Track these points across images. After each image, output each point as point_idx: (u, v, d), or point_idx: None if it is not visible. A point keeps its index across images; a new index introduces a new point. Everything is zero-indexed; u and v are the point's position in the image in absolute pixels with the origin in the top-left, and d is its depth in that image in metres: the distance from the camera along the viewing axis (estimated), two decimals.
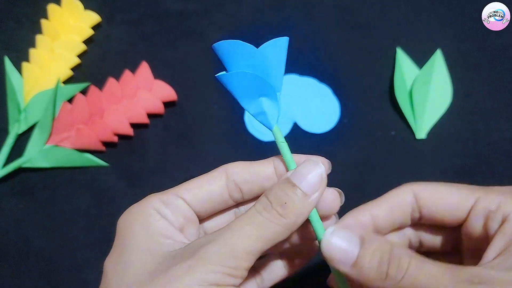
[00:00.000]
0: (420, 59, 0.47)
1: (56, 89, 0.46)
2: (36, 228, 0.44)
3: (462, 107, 0.46)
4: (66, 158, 0.45)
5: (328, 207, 0.26)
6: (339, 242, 0.24)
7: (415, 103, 0.45)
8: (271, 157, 0.27)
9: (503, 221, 0.25)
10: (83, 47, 0.49)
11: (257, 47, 0.25)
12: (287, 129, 0.46)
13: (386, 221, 0.28)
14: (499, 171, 0.44)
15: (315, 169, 0.24)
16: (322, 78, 0.48)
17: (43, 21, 0.49)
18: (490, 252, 0.24)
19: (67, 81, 0.49)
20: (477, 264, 0.24)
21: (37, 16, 0.50)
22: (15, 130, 0.46)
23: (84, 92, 0.47)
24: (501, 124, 0.45)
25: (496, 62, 0.47)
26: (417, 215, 0.28)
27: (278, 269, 0.29)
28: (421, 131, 0.45)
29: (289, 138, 0.45)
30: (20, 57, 0.48)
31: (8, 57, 0.49)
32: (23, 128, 0.47)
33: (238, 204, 0.28)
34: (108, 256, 0.24)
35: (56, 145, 0.45)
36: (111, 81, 0.46)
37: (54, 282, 0.42)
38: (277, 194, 0.24)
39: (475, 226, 0.26)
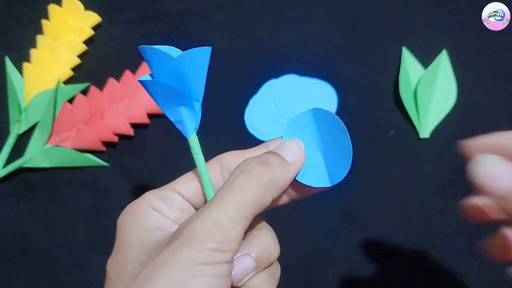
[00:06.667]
0: (422, 59, 0.47)
1: (56, 89, 0.46)
2: (36, 228, 0.44)
3: (463, 107, 0.46)
4: (67, 158, 0.45)
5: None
6: (493, 169, 0.23)
7: (419, 103, 0.45)
8: (263, 143, 0.27)
9: None
10: (83, 47, 0.49)
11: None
12: None
13: None
14: None
15: (295, 142, 0.25)
16: (322, 78, 0.48)
17: (44, 22, 0.49)
18: None
19: (68, 81, 0.49)
20: None
21: (37, 16, 0.50)
22: (15, 130, 0.46)
23: (84, 92, 0.47)
24: (501, 124, 0.45)
25: (496, 62, 0.47)
26: None
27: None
28: (425, 131, 0.45)
29: None
30: (21, 57, 0.49)
31: (9, 57, 0.49)
32: (23, 128, 0.47)
33: None
34: (109, 257, 0.25)
35: (57, 145, 0.45)
36: (111, 81, 0.46)
37: (54, 282, 0.42)
38: (256, 158, 0.24)
39: None
